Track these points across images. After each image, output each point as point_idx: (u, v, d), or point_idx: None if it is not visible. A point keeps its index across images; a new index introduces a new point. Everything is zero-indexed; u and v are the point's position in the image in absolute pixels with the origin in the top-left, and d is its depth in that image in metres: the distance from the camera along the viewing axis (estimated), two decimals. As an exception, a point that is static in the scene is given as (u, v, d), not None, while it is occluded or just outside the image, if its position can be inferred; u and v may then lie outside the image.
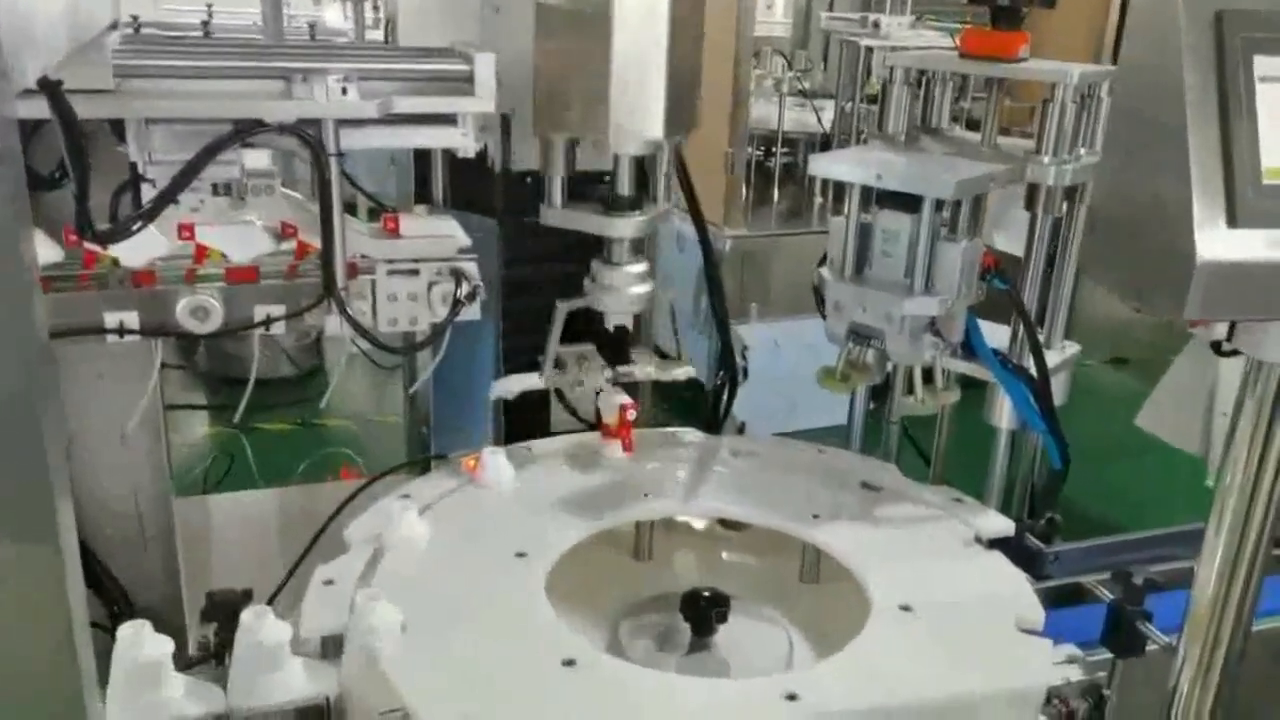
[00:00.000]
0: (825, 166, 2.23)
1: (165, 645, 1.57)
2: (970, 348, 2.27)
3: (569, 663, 1.62)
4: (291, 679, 1.60)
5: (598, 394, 2.32)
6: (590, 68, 1.99)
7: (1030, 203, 2.31)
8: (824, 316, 2.22)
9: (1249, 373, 1.41)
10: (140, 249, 1.93)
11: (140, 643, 1.56)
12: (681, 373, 2.42)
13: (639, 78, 2.00)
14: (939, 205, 2.05)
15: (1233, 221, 1.21)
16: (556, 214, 2.19)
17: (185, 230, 1.97)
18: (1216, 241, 1.21)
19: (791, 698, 1.56)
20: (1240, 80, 1.23)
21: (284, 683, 1.59)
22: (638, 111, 2.02)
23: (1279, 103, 1.24)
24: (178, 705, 1.55)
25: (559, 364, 2.31)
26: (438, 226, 2.27)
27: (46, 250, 1.91)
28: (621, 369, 2.35)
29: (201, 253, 2.02)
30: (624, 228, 2.16)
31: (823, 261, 2.24)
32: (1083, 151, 2.32)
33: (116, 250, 1.88)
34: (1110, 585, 2.00)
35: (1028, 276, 2.41)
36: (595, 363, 2.33)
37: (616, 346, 2.35)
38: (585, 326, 2.33)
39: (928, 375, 2.26)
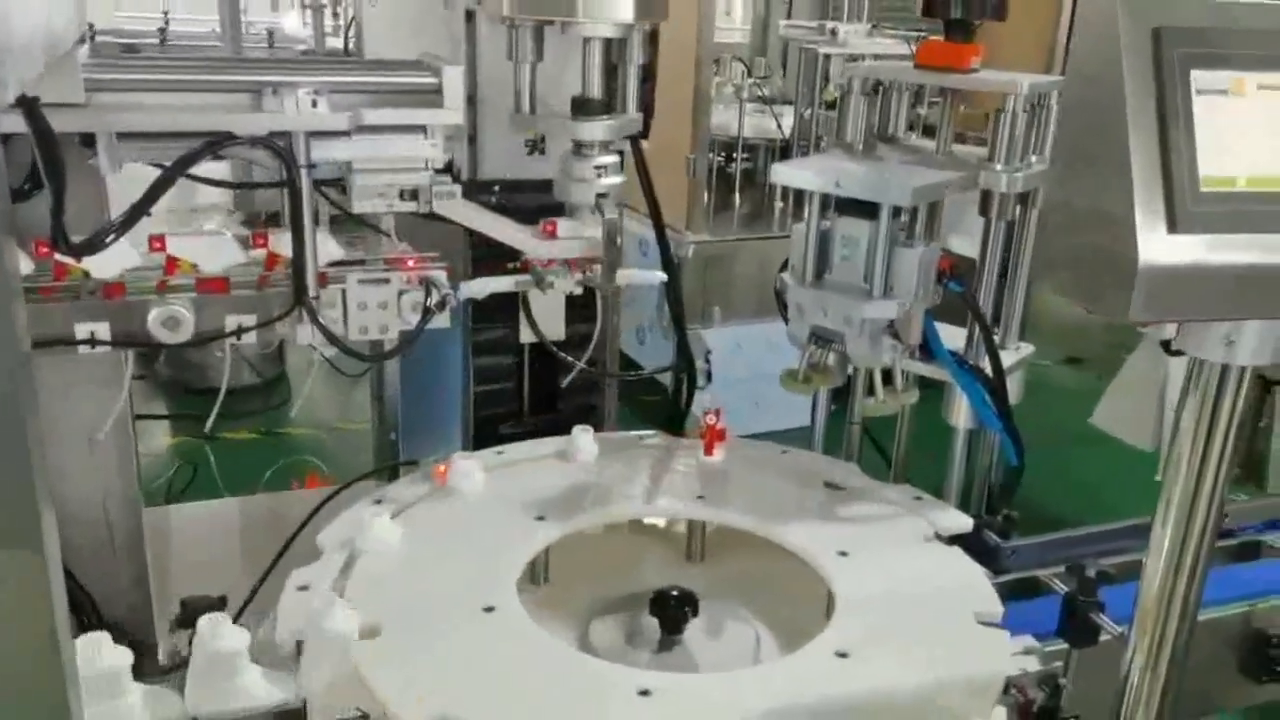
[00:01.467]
0: (787, 175, 2.29)
1: (124, 657, 1.58)
2: (928, 350, 2.33)
3: (541, 661, 1.65)
4: (251, 686, 1.62)
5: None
6: None
7: (984, 208, 2.38)
8: (786, 320, 2.28)
9: (1192, 371, 1.47)
10: (111, 261, 1.94)
11: (99, 655, 1.58)
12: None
13: None
14: (896, 212, 2.11)
15: (1173, 227, 1.27)
16: (525, 119, 2.23)
17: (156, 242, 1.99)
18: (1158, 247, 1.26)
19: (758, 692, 1.61)
20: (1178, 93, 1.28)
21: (243, 690, 1.61)
22: None
23: (1216, 114, 1.30)
24: (134, 713, 1.56)
25: (527, 268, 2.34)
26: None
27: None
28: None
29: (173, 264, 2.04)
30: (594, 130, 2.20)
31: (784, 267, 2.30)
32: (1034, 159, 2.39)
33: (88, 262, 1.90)
34: (1065, 578, 2.06)
35: (983, 280, 2.48)
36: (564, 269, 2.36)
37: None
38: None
39: (887, 377, 2.32)
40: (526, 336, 2.62)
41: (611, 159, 2.28)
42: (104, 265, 1.95)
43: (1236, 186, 1.30)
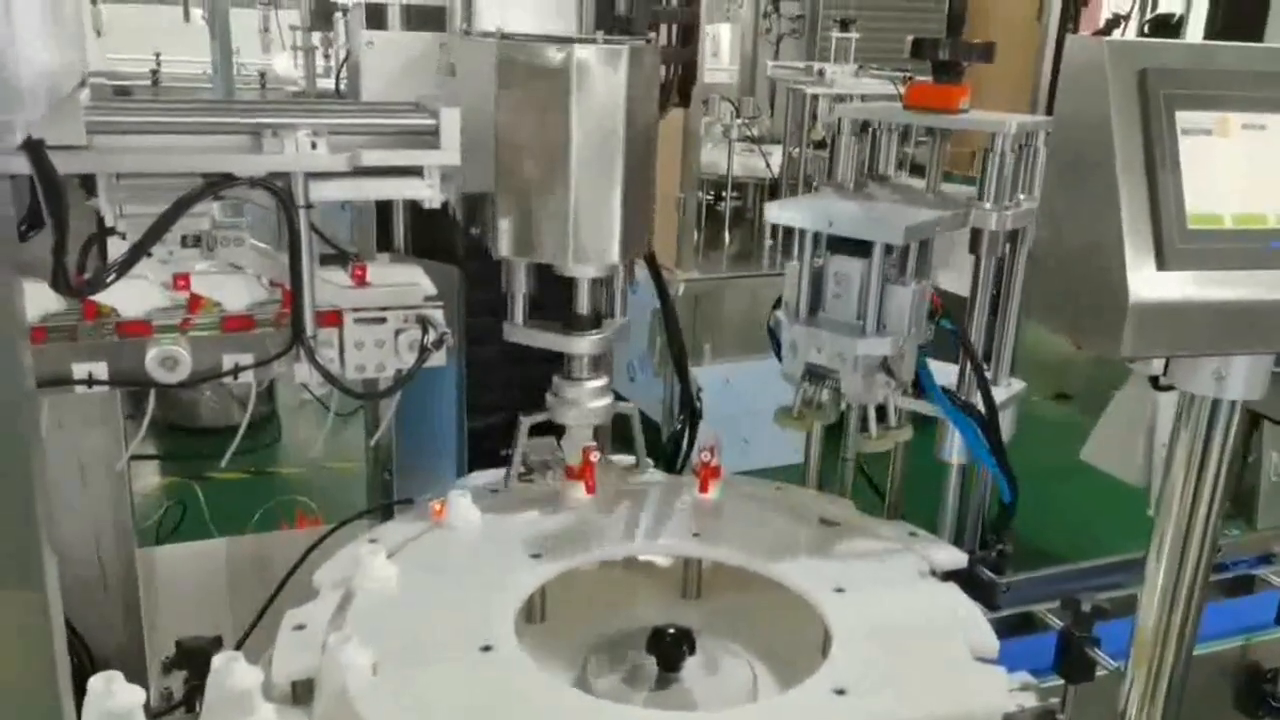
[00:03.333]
0: (780, 214, 2.32)
1: (137, 695, 1.58)
2: (921, 387, 2.35)
3: (538, 700, 1.65)
4: (265, 724, 1.61)
5: (559, 437, 2.38)
6: (551, 202, 2.12)
7: (974, 246, 2.41)
8: (779, 358, 2.30)
9: (1183, 406, 1.49)
10: (136, 299, 1.97)
11: (111, 695, 1.57)
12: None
13: (595, 209, 2.13)
14: (888, 249, 2.14)
15: (1162, 264, 1.29)
16: (519, 331, 2.30)
17: (181, 280, 2.02)
18: (1147, 283, 1.28)
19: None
20: (1164, 134, 1.31)
21: (257, 727, 1.60)
22: (595, 238, 2.15)
23: (1201, 154, 1.33)
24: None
25: (526, 470, 2.38)
26: (404, 274, 2.31)
27: (45, 300, 1.94)
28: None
29: (197, 303, 2.06)
30: (584, 345, 2.28)
31: (778, 304, 2.32)
32: (1022, 198, 2.43)
33: (116, 301, 1.93)
34: (1060, 613, 2.07)
35: (973, 317, 2.50)
36: (558, 465, 2.40)
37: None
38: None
39: (881, 413, 2.34)
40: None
41: (601, 381, 2.35)
42: (130, 303, 1.98)
43: (1223, 224, 1.33)
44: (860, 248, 2.14)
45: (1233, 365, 1.42)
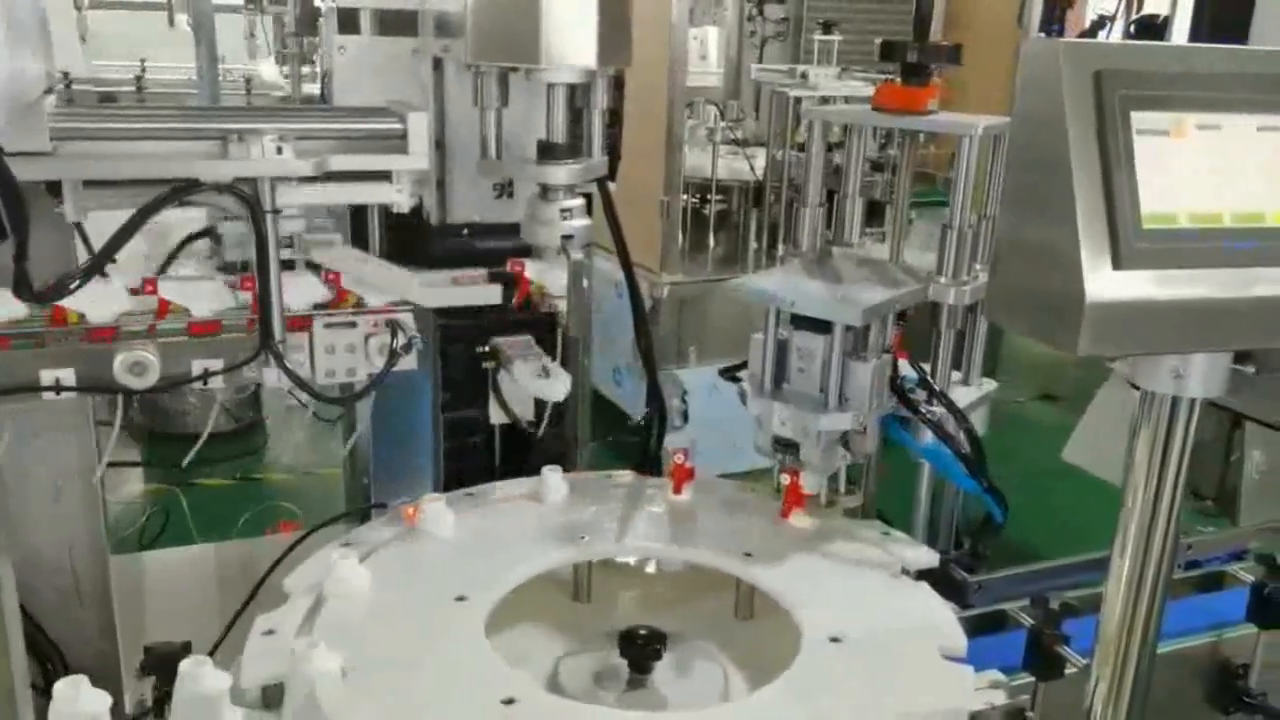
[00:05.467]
0: (748, 288, 2.33)
1: (103, 701, 1.57)
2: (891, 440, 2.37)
3: (509, 702, 1.65)
4: (233, 729, 1.61)
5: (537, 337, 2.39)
6: None
7: (934, 320, 2.45)
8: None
9: (1143, 404, 1.50)
10: (103, 304, 1.97)
11: (77, 699, 1.57)
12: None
13: (570, 2, 2.06)
14: (849, 327, 2.16)
15: (1118, 264, 1.30)
16: (491, 165, 2.24)
17: (148, 285, 2.01)
18: (1104, 283, 1.29)
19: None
20: (1119, 135, 1.32)
21: (225, 732, 1.60)
22: (571, 38, 2.09)
23: (1157, 154, 1.34)
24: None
25: (495, 355, 2.36)
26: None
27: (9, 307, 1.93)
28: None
29: (164, 307, 2.06)
30: (559, 174, 2.22)
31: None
32: (979, 269, 2.47)
33: (84, 306, 1.92)
34: (1030, 611, 2.07)
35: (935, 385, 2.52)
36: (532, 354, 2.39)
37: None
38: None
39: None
40: (498, 417, 2.63)
41: (577, 202, 2.31)
42: (97, 308, 1.97)
43: (1178, 224, 1.34)
44: (822, 325, 2.16)
45: (1191, 363, 1.43)
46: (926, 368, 2.52)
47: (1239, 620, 2.17)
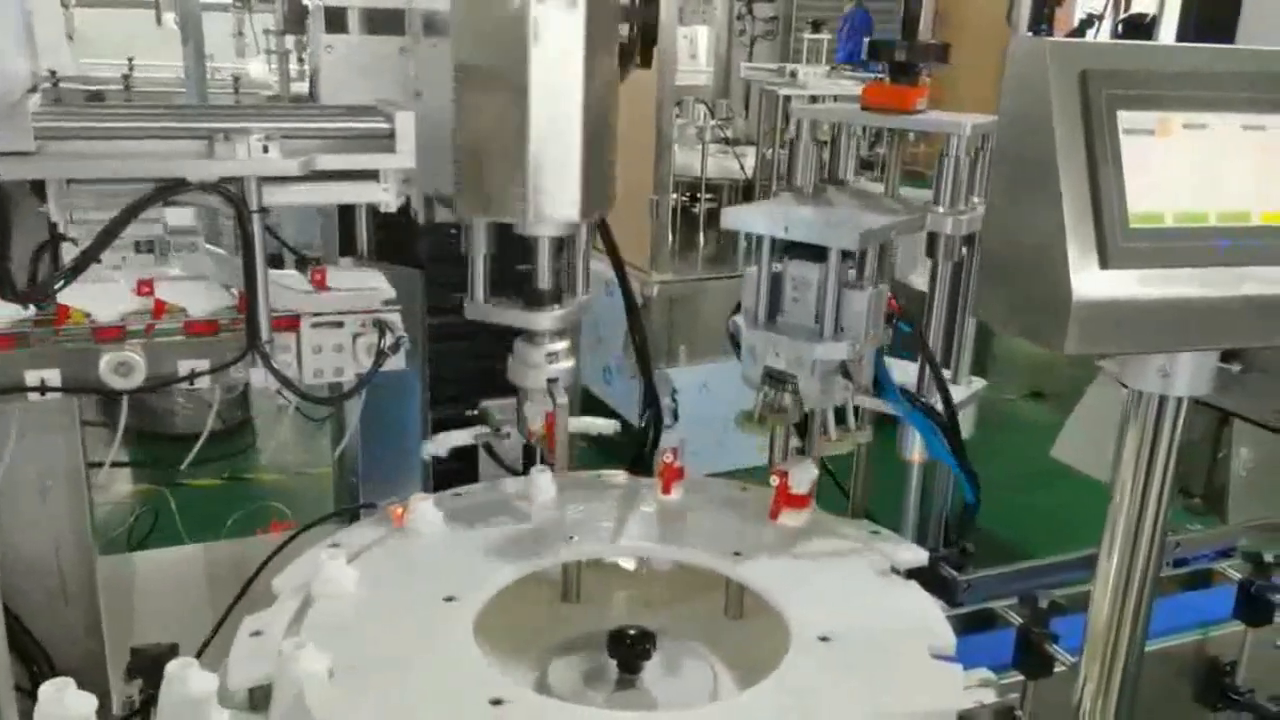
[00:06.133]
0: (737, 219, 2.32)
1: (89, 703, 1.56)
2: (880, 388, 2.36)
3: (498, 702, 1.65)
4: (219, 731, 1.60)
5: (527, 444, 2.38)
6: (507, 150, 2.05)
7: (931, 250, 2.42)
8: (740, 360, 2.30)
9: (1131, 402, 1.50)
10: (109, 303, 1.96)
11: (63, 701, 1.56)
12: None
13: (554, 160, 2.08)
14: (845, 255, 2.15)
15: (1104, 263, 1.30)
16: (479, 308, 2.26)
17: (144, 285, 2.01)
18: (1090, 282, 1.29)
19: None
20: (1106, 134, 1.32)
21: (211, 734, 1.59)
22: (557, 198, 2.11)
23: (1143, 153, 1.34)
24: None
25: (486, 419, 2.36)
26: (363, 279, 2.31)
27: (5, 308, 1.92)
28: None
29: (161, 307, 2.05)
30: (545, 321, 2.24)
31: (737, 309, 2.33)
32: (976, 200, 2.44)
33: (90, 305, 1.91)
34: (1019, 609, 2.08)
35: (932, 318, 2.51)
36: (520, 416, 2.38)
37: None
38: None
39: (840, 415, 2.34)
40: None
41: (563, 345, 2.31)
42: (103, 308, 1.97)
43: (1164, 223, 1.34)
44: (817, 253, 2.15)
45: (1177, 362, 1.43)
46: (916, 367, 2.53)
47: (1227, 618, 2.18)
